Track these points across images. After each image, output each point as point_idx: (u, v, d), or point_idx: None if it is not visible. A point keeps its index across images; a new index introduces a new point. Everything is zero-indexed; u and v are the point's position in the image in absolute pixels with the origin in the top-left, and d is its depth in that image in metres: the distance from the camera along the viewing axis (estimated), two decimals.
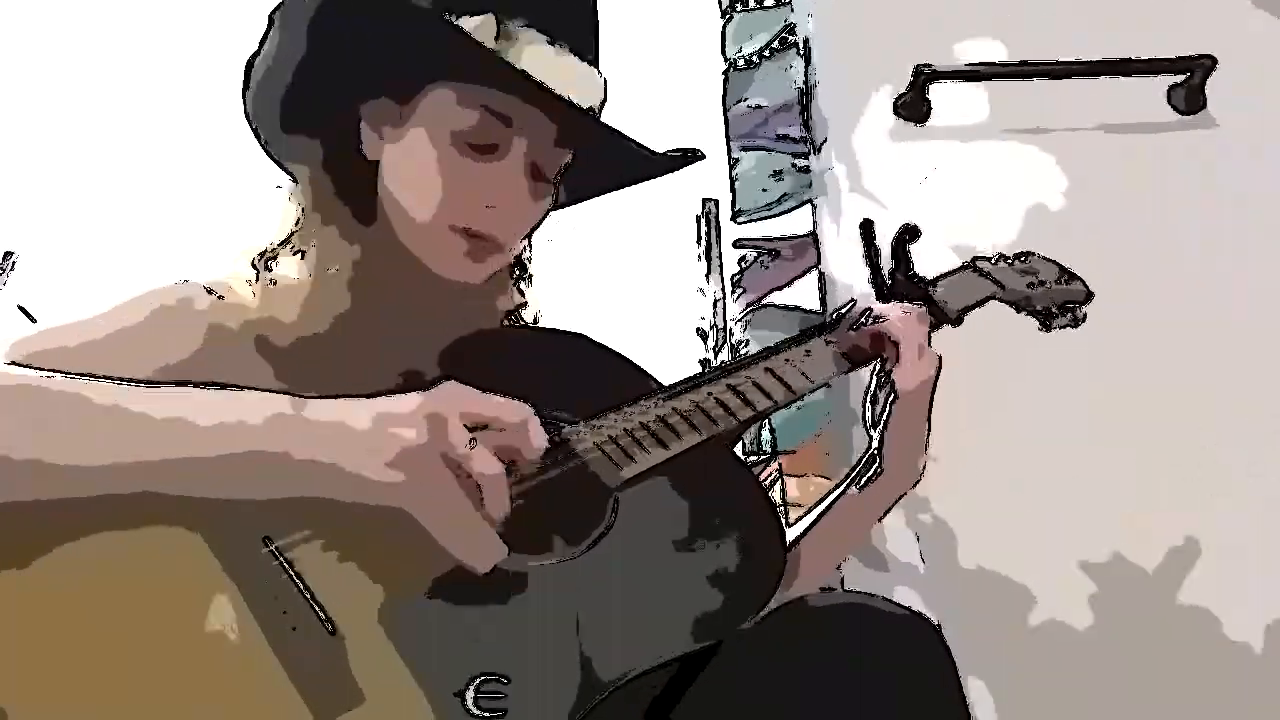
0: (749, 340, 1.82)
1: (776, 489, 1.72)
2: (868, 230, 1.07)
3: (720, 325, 1.92)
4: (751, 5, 2.00)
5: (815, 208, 1.88)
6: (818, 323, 1.06)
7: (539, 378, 0.86)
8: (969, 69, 1.84)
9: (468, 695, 0.67)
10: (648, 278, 1.93)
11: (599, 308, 1.57)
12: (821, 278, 1.83)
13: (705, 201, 2.01)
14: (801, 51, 1.96)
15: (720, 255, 1.96)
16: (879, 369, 1.02)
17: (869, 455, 1.01)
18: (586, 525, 0.79)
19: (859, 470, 1.01)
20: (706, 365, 1.88)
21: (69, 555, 0.68)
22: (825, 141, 1.92)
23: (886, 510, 1.03)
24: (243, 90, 0.93)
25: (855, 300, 1.04)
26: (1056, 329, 1.11)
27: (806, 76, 1.95)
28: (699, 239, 2.01)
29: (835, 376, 0.99)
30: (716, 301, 1.94)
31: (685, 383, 0.91)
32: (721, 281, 1.94)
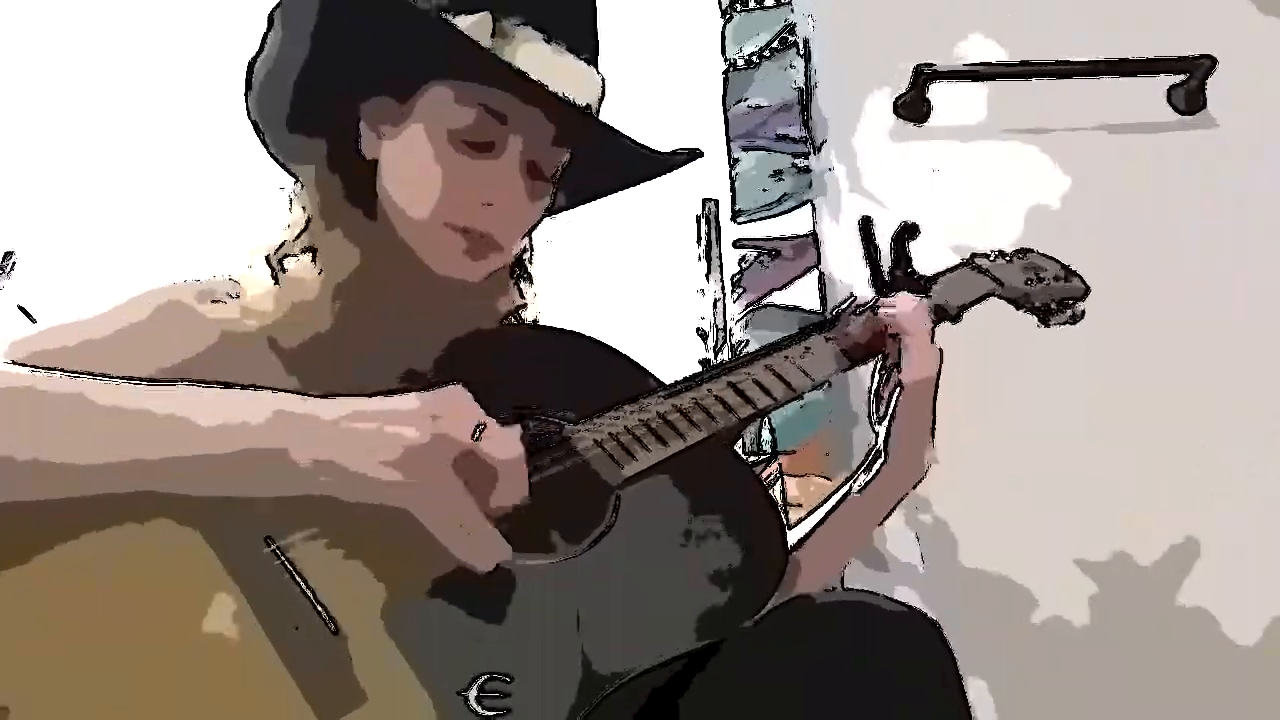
0: (749, 340, 1.82)
1: (776, 489, 1.72)
2: (867, 228, 1.07)
3: (720, 325, 1.92)
4: (751, 5, 2.00)
5: (815, 208, 1.88)
6: (817, 321, 1.05)
7: (539, 377, 0.86)
8: (969, 69, 1.84)
9: (470, 694, 0.67)
10: (648, 278, 1.93)
11: (599, 308, 1.57)
12: (821, 278, 1.83)
13: (705, 201, 2.01)
14: (801, 51, 1.96)
15: (720, 255, 1.96)
16: (881, 365, 1.01)
17: (874, 451, 1.01)
18: (588, 524, 0.79)
19: (865, 467, 1.01)
20: (707, 365, 1.88)
21: (71, 554, 0.68)
22: (825, 141, 1.92)
23: (891, 510, 1.03)
24: (245, 91, 0.93)
25: (855, 296, 1.03)
26: (1055, 325, 1.11)
27: (806, 76, 1.95)
28: (699, 239, 2.01)
29: (836, 373, 0.99)
30: (716, 301, 1.94)
31: (685, 381, 0.91)
32: (721, 281, 1.94)
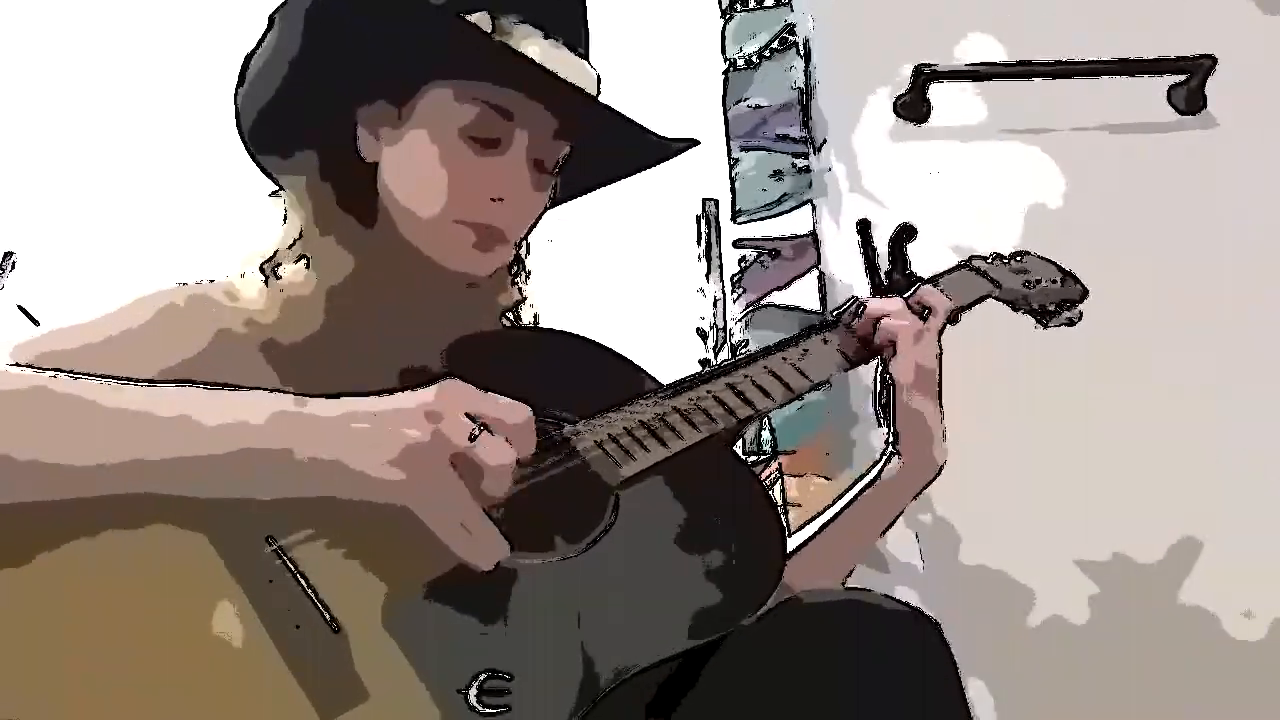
0: (749, 340, 1.82)
1: (776, 489, 1.72)
2: (865, 230, 1.08)
3: (720, 325, 1.92)
4: (751, 5, 2.00)
5: (815, 208, 1.88)
6: (816, 322, 1.06)
7: (539, 377, 0.86)
8: (969, 69, 1.84)
9: (470, 692, 0.67)
10: (648, 278, 1.94)
11: (599, 308, 1.57)
12: (821, 278, 1.83)
13: (705, 201, 2.01)
14: (801, 51, 1.96)
15: (720, 255, 1.96)
16: (882, 369, 1.01)
17: (885, 452, 1.00)
18: (587, 523, 0.79)
19: (879, 465, 1.01)
20: (706, 365, 1.88)
21: (73, 555, 0.68)
22: (825, 141, 1.92)
23: (902, 510, 1.02)
24: (236, 100, 0.93)
25: (855, 298, 1.04)
26: (1053, 327, 1.11)
27: (806, 76, 1.95)
28: (699, 239, 2.01)
29: (834, 375, 0.99)
30: (716, 301, 1.94)
31: (684, 382, 0.91)
32: (721, 281, 1.95)
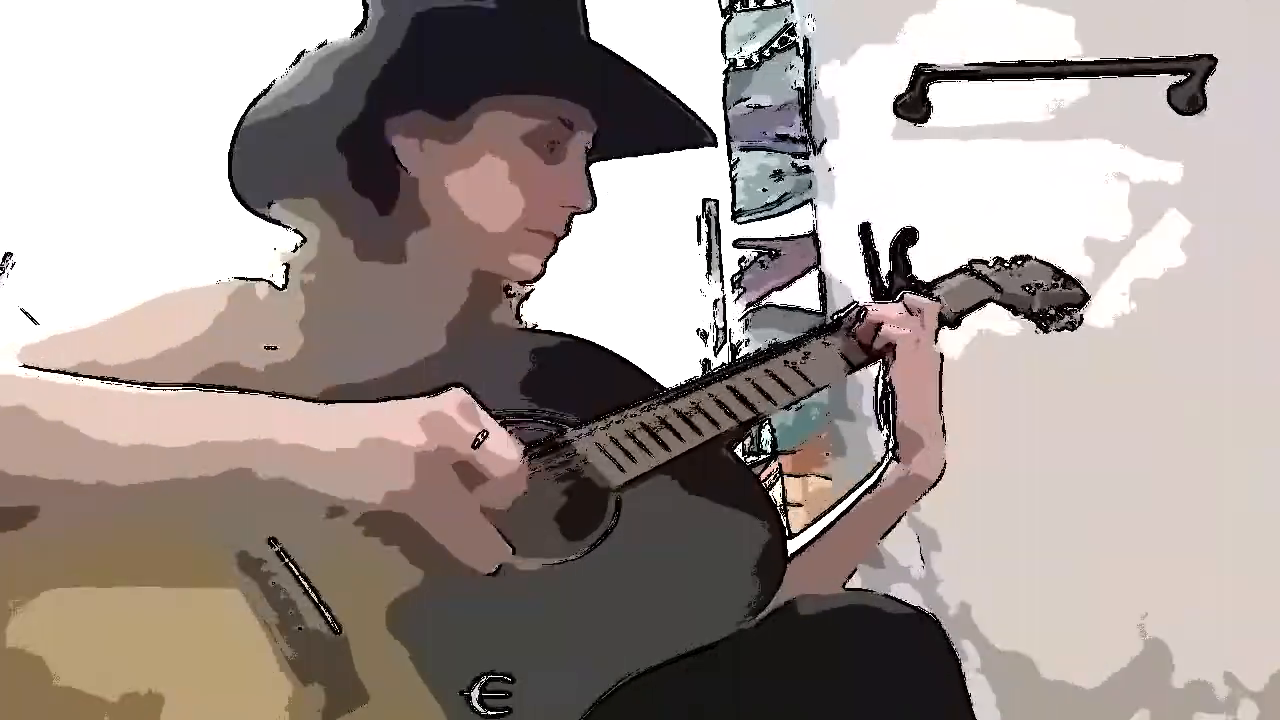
0: (749, 340, 1.82)
1: (777, 489, 1.72)
2: (866, 233, 1.08)
3: (720, 325, 1.93)
4: (751, 5, 2.00)
5: (815, 208, 1.88)
6: (818, 324, 1.05)
7: (541, 380, 0.86)
8: (969, 69, 1.84)
9: (472, 694, 0.67)
10: (648, 278, 1.94)
11: (599, 307, 1.57)
12: (821, 278, 1.83)
13: (705, 201, 2.01)
14: (801, 51, 1.96)
15: (720, 255, 1.97)
16: (883, 374, 1.01)
17: (887, 456, 1.00)
18: (588, 526, 0.79)
19: (880, 469, 1.01)
20: (707, 365, 1.89)
21: (71, 555, 0.68)
22: (825, 141, 1.92)
23: (904, 513, 1.02)
24: (234, 143, 0.92)
25: (857, 303, 1.03)
26: (1054, 331, 1.11)
27: (806, 76, 1.95)
28: (699, 239, 2.01)
29: (836, 379, 0.99)
30: (717, 302, 1.94)
31: (686, 385, 0.91)
32: (721, 281, 1.95)
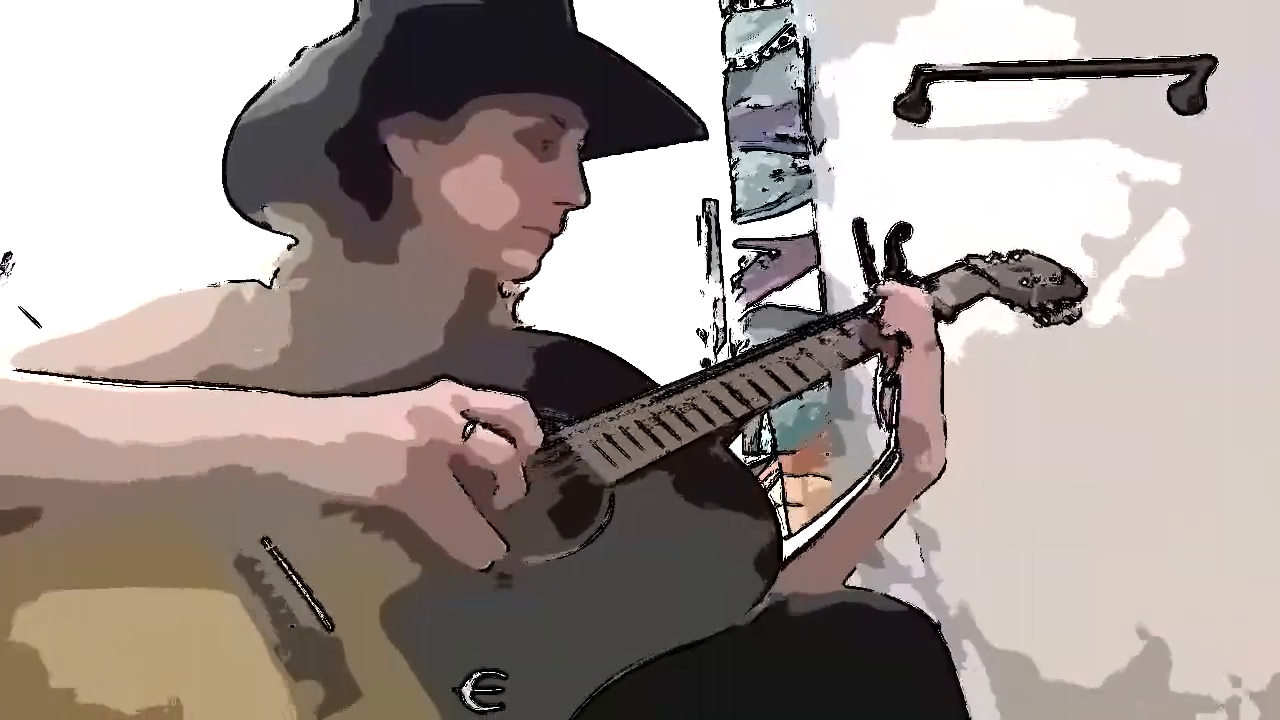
0: (749, 340, 1.82)
1: (776, 489, 1.72)
2: (860, 229, 1.07)
3: (720, 325, 1.93)
4: (751, 5, 2.00)
5: (815, 208, 1.88)
6: (814, 321, 1.05)
7: (536, 378, 0.86)
8: (969, 69, 1.84)
9: (465, 690, 0.67)
10: (648, 278, 1.94)
11: (600, 307, 1.57)
12: (821, 278, 1.83)
13: (705, 201, 2.01)
14: (801, 51, 1.96)
15: (720, 255, 1.96)
16: (881, 369, 1.01)
17: (888, 454, 1.00)
18: (583, 522, 0.79)
19: (879, 467, 1.00)
20: (707, 365, 1.88)
21: (70, 556, 0.68)
22: (825, 141, 1.92)
23: (903, 511, 1.02)
24: (228, 146, 0.92)
25: (877, 294, 1.02)
26: (1052, 326, 1.11)
27: (806, 76, 1.95)
28: (699, 239, 2.01)
29: (831, 374, 0.98)
30: (717, 302, 1.94)
31: (681, 381, 0.91)
32: (722, 281, 1.95)
